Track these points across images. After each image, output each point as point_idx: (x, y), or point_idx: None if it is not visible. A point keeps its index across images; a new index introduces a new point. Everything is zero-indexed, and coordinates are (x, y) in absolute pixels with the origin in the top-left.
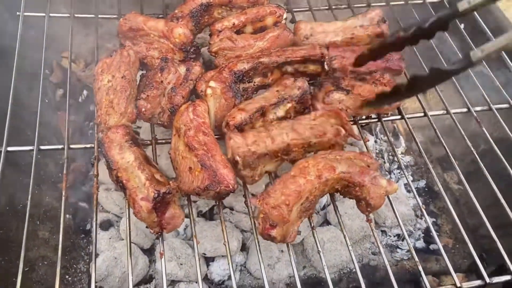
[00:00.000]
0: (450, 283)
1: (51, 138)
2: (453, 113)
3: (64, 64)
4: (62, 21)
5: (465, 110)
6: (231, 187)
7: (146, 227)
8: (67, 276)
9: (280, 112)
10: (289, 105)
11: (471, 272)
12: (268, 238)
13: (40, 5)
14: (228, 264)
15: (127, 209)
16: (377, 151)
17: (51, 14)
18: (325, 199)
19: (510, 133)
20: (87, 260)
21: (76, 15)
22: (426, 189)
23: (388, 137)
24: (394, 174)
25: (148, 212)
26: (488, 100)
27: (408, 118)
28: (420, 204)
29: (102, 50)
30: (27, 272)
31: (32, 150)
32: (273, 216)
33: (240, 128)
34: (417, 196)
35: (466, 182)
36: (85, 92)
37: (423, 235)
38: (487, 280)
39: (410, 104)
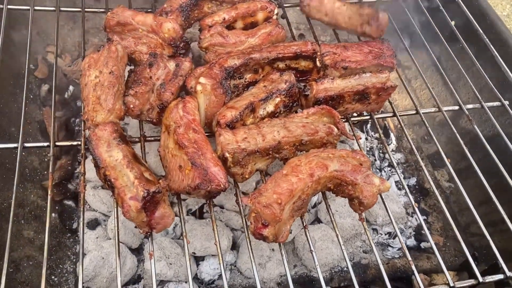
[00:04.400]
0: (442, 282)
1: (36, 134)
2: (445, 110)
3: (50, 58)
4: (47, 15)
5: (456, 107)
6: (222, 186)
7: (135, 227)
8: (53, 277)
9: (270, 107)
10: (278, 99)
11: (461, 270)
12: (260, 238)
13: None
14: (219, 264)
15: (115, 208)
16: (368, 148)
17: (36, 8)
18: (316, 197)
19: (501, 131)
20: (74, 260)
21: (61, 9)
22: (416, 186)
23: (380, 134)
24: (385, 171)
25: (137, 212)
26: (480, 98)
27: (400, 115)
28: (413, 202)
29: (89, 44)
30: (12, 272)
31: (17, 147)
32: (265, 215)
33: (231, 126)
34: (409, 194)
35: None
36: (71, 87)
37: (414, 233)
38: (480, 279)
39: (401, 101)
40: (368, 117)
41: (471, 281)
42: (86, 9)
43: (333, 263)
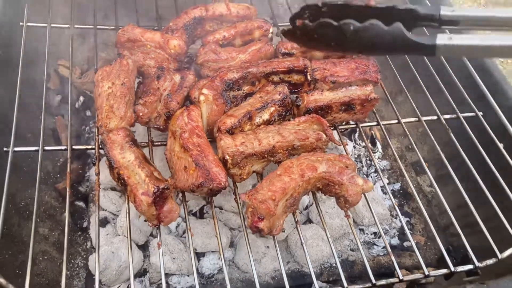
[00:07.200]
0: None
1: (50, 141)
2: (424, 120)
3: (61, 71)
4: (58, 31)
5: (435, 117)
6: (222, 184)
7: (145, 220)
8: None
9: (265, 115)
10: (273, 108)
11: (440, 267)
12: (256, 231)
13: (41, 16)
14: (220, 255)
15: (127, 204)
16: (356, 156)
17: (52, 25)
18: (307, 199)
19: (475, 139)
20: (84, 256)
21: (75, 26)
22: (401, 191)
23: (366, 142)
24: (371, 177)
25: (148, 206)
26: (457, 109)
27: (383, 124)
28: (395, 205)
29: (97, 59)
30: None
31: (38, 150)
32: (260, 210)
33: (231, 132)
34: (392, 198)
35: (437, 184)
36: (81, 98)
37: (397, 233)
38: (452, 269)
39: (387, 113)
40: (354, 125)
41: (444, 271)
42: (97, 26)
43: (323, 260)
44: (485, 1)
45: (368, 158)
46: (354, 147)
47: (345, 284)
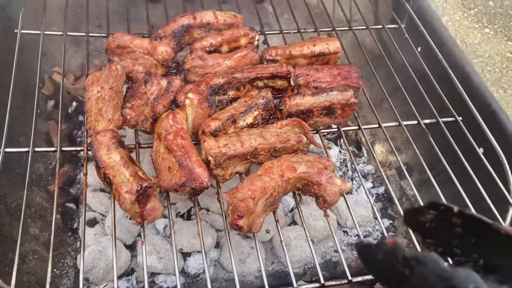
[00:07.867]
0: None
1: (42, 144)
2: (404, 124)
3: (55, 78)
4: (52, 39)
5: (415, 122)
6: (205, 184)
7: (130, 218)
8: (55, 270)
9: (249, 119)
10: (256, 112)
11: None
12: (236, 228)
13: (35, 24)
14: (202, 256)
15: (112, 203)
16: (341, 160)
17: (46, 32)
18: (293, 202)
19: (454, 144)
20: (74, 256)
21: (68, 33)
22: (385, 194)
23: (347, 147)
24: (356, 181)
25: (131, 204)
26: (437, 114)
27: (364, 128)
28: (374, 208)
29: (90, 65)
30: (19, 264)
31: (28, 151)
32: (240, 208)
33: (215, 135)
34: (371, 202)
35: (421, 188)
36: (74, 103)
37: (380, 235)
38: None
39: (372, 119)
40: (336, 129)
41: None
42: (90, 34)
43: (306, 260)
44: (475, 12)
45: (352, 163)
46: (340, 152)
47: (322, 281)
